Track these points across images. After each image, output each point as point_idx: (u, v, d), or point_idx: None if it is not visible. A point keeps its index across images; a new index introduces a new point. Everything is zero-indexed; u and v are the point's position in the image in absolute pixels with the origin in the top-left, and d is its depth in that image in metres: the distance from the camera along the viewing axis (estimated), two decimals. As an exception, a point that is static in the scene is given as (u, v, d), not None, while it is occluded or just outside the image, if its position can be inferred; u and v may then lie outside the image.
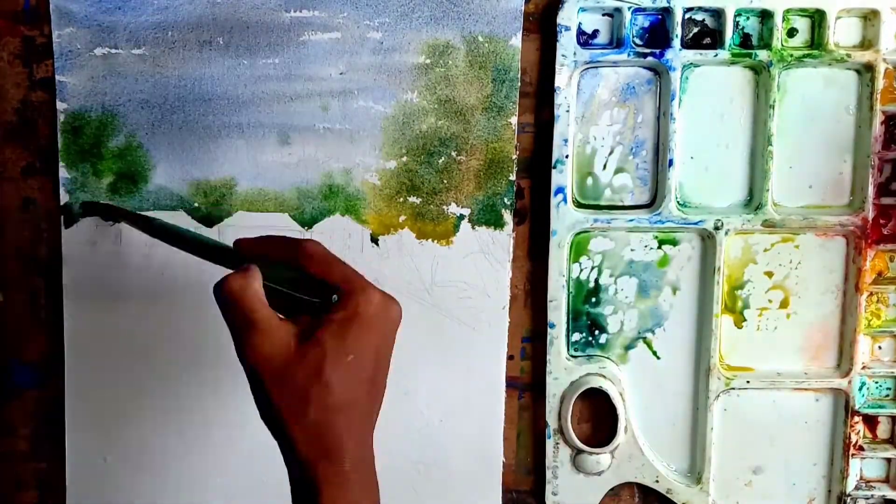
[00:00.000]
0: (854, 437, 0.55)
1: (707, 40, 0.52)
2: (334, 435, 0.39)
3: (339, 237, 0.53)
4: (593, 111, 0.53)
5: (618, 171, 0.53)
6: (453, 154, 0.53)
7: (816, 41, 0.52)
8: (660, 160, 0.53)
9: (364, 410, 0.41)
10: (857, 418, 0.55)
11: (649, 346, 0.55)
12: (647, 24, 0.52)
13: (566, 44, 0.51)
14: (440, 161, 0.53)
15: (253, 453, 0.55)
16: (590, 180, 0.53)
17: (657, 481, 0.55)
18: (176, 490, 0.55)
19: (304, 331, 0.40)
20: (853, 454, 0.55)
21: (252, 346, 0.39)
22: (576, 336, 0.55)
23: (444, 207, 0.53)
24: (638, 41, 0.52)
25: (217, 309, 0.54)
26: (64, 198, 0.53)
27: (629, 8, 0.51)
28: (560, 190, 0.52)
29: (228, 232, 0.53)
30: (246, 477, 0.55)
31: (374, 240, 0.53)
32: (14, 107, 0.53)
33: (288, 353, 0.39)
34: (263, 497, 0.55)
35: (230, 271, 0.41)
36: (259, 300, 0.40)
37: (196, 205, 0.53)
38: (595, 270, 0.54)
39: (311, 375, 0.39)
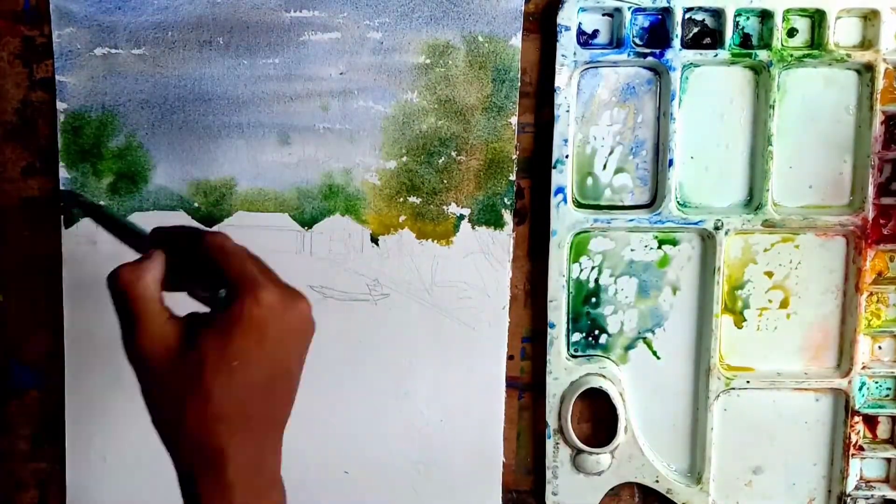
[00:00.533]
0: (854, 437, 0.55)
1: (707, 40, 0.52)
2: (215, 445, 0.36)
3: (339, 237, 0.53)
4: (593, 111, 0.53)
5: (618, 171, 0.53)
6: (453, 154, 0.53)
7: (816, 41, 0.52)
8: (660, 160, 0.53)
9: (258, 419, 0.37)
10: (857, 418, 0.55)
11: (649, 346, 0.55)
12: (647, 24, 0.52)
13: (566, 44, 0.51)
14: (440, 161, 0.53)
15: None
16: (590, 180, 0.53)
17: (657, 481, 0.55)
18: (176, 490, 0.55)
19: (188, 332, 0.37)
20: (853, 454, 0.55)
21: (134, 342, 0.37)
22: (576, 336, 0.55)
23: (444, 207, 0.53)
24: (638, 41, 0.52)
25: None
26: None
27: (629, 8, 0.51)
28: (560, 190, 0.52)
29: (229, 231, 0.53)
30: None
31: (374, 240, 0.53)
32: (14, 107, 0.53)
33: (168, 354, 0.36)
34: (263, 497, 0.55)
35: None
36: (149, 294, 0.37)
37: (196, 205, 0.53)
38: (595, 270, 0.54)
39: (189, 382, 0.36)
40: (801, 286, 0.54)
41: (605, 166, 0.53)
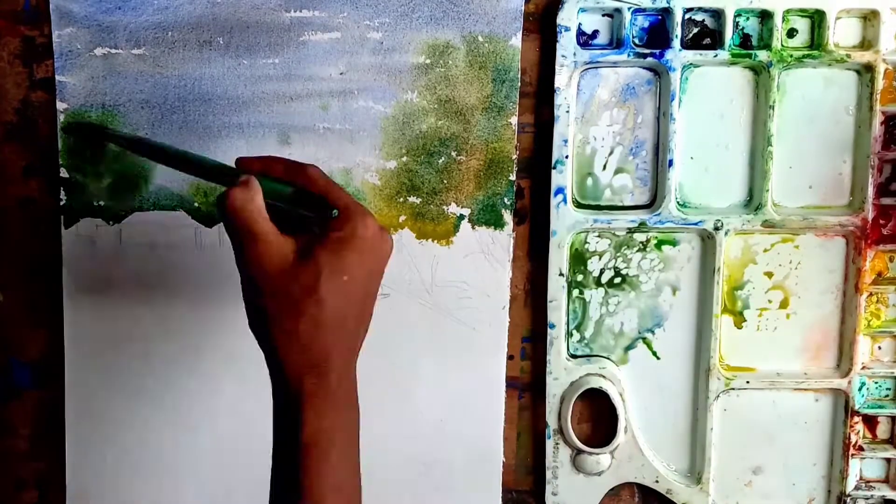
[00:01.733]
0: (854, 438, 0.55)
1: (707, 41, 0.52)
2: (322, 349, 0.40)
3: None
4: (593, 111, 0.53)
5: (618, 171, 0.53)
6: (453, 154, 0.53)
7: (816, 41, 0.52)
8: (659, 160, 0.53)
9: (352, 330, 0.42)
10: (856, 418, 0.55)
11: (649, 346, 0.55)
12: (646, 24, 0.52)
13: (566, 44, 0.51)
14: (440, 161, 0.53)
15: (253, 452, 0.55)
16: (590, 181, 0.53)
17: (657, 481, 0.55)
18: (176, 490, 0.55)
19: (302, 247, 0.40)
20: (853, 454, 0.55)
21: (252, 256, 0.40)
22: (576, 336, 0.55)
23: (444, 207, 0.53)
24: (638, 42, 0.52)
25: (216, 309, 0.54)
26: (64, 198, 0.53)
27: (629, 8, 0.51)
28: (560, 190, 0.52)
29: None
30: (246, 476, 0.55)
31: (374, 240, 0.53)
32: (14, 107, 0.53)
33: (286, 265, 0.40)
34: (264, 496, 0.55)
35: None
36: (260, 213, 0.40)
37: (196, 205, 0.53)
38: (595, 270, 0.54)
39: (306, 289, 0.39)
40: (800, 286, 0.54)
41: (605, 167, 0.53)
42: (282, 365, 0.40)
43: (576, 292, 0.54)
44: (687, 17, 0.52)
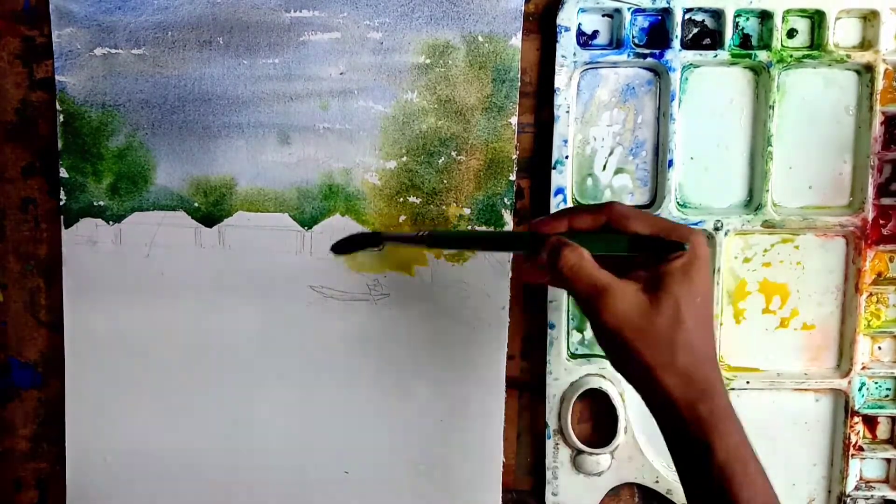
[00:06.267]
0: (854, 438, 0.55)
1: (707, 41, 0.52)
2: (704, 374, 0.41)
3: (339, 237, 0.53)
4: (593, 112, 0.53)
5: (618, 171, 0.53)
6: (453, 154, 0.53)
7: (816, 42, 0.52)
8: (659, 161, 0.53)
9: (714, 345, 0.42)
10: (856, 419, 0.55)
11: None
12: (646, 24, 0.52)
13: (566, 44, 0.51)
14: (440, 161, 0.53)
15: (253, 452, 0.55)
16: (590, 181, 0.53)
17: (657, 482, 0.55)
18: (176, 490, 0.55)
19: (646, 284, 0.41)
20: (853, 454, 0.55)
21: (607, 308, 0.41)
22: (576, 336, 0.55)
23: (444, 207, 0.53)
24: (637, 42, 0.52)
25: (214, 309, 0.54)
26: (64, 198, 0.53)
27: (629, 9, 0.51)
28: (560, 190, 0.52)
29: (228, 231, 0.53)
30: (246, 476, 0.55)
31: (374, 240, 0.53)
32: (14, 107, 0.53)
33: (643, 306, 0.41)
34: (264, 496, 0.55)
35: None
36: (596, 266, 0.41)
37: (196, 205, 0.53)
38: (595, 271, 0.54)
39: (671, 322, 0.40)
40: (800, 287, 0.54)
41: (604, 167, 0.53)
42: (670, 399, 0.41)
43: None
44: (687, 17, 0.52)
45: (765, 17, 0.52)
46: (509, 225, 0.53)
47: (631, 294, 0.41)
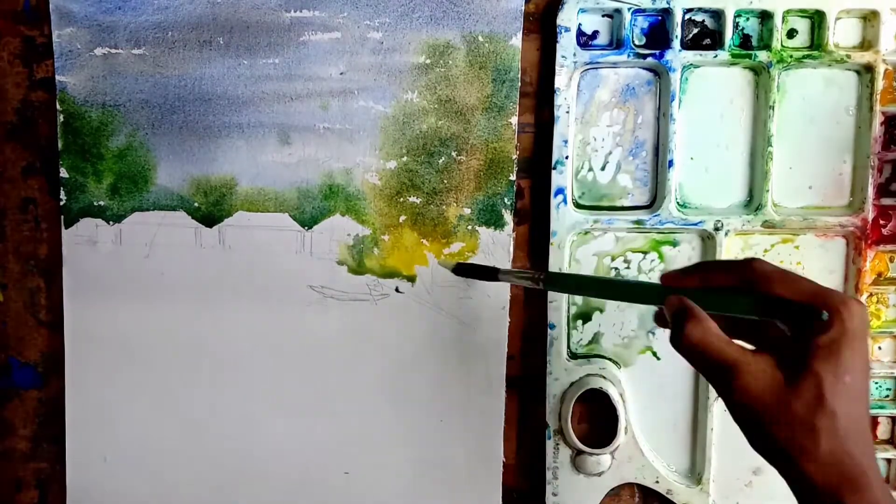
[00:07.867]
0: (854, 438, 0.55)
1: (707, 41, 0.52)
2: (853, 462, 0.36)
3: (339, 237, 0.53)
4: (593, 112, 0.53)
5: (618, 171, 0.53)
6: (453, 154, 0.53)
7: (816, 42, 0.52)
8: (659, 161, 0.53)
9: (869, 427, 0.38)
10: (856, 419, 0.55)
11: (650, 346, 0.55)
12: (646, 25, 0.52)
13: (566, 45, 0.51)
14: (440, 161, 0.53)
15: (253, 453, 0.55)
16: (590, 181, 0.53)
17: (657, 482, 0.55)
18: (176, 489, 0.55)
19: (783, 359, 0.37)
20: (853, 455, 0.55)
21: (738, 388, 0.37)
22: (576, 336, 0.55)
23: (445, 207, 0.53)
24: (637, 42, 0.52)
25: (214, 309, 0.54)
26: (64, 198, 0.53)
27: (629, 9, 0.51)
28: (560, 191, 0.52)
29: (228, 231, 0.53)
30: (247, 476, 0.55)
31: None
32: (14, 107, 0.53)
33: (778, 386, 0.37)
34: (264, 496, 0.55)
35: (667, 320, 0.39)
36: (724, 340, 0.38)
37: (196, 204, 0.53)
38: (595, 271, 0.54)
39: (811, 406, 0.36)
40: (800, 287, 0.54)
41: (604, 167, 0.53)
42: (812, 486, 0.37)
43: (576, 292, 0.54)
44: (687, 17, 0.52)
45: (765, 17, 0.52)
46: (509, 225, 0.53)
47: (764, 371, 0.37)
